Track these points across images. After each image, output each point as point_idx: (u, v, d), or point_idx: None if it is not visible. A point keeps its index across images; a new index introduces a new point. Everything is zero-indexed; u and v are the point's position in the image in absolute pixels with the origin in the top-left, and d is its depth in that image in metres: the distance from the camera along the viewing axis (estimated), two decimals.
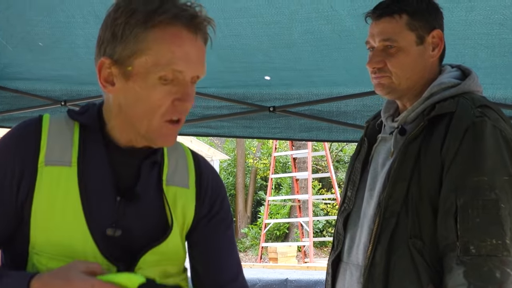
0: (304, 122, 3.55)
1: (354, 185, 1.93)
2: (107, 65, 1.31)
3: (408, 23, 1.79)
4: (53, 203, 1.30)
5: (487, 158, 1.63)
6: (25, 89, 3.72)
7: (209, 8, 2.73)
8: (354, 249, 1.83)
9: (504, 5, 2.50)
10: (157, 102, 1.29)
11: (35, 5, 2.90)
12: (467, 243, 1.58)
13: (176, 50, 1.28)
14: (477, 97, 1.77)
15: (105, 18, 1.34)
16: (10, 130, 1.37)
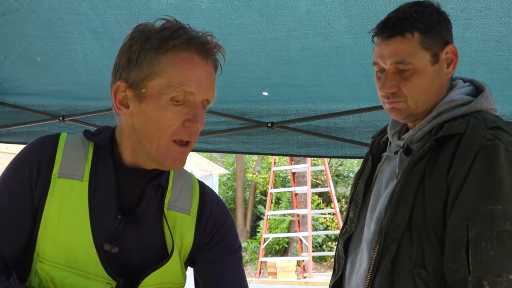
0: (302, 138, 3.54)
1: (357, 206, 1.81)
2: (123, 88, 1.38)
3: (422, 42, 1.65)
4: (63, 213, 1.36)
5: (501, 185, 1.50)
6: (23, 104, 3.73)
7: (207, 25, 2.78)
8: (354, 275, 1.72)
9: (500, 23, 2.50)
10: (168, 121, 1.35)
11: (34, 20, 2.90)
12: (481, 278, 1.45)
13: (188, 73, 1.35)
14: (490, 117, 1.63)
15: (121, 47, 1.42)
16: (28, 143, 1.44)
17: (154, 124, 1.37)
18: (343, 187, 23.42)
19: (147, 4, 2.68)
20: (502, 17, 2.45)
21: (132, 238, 1.41)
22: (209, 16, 2.70)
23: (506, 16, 2.45)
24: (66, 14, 2.82)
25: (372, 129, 3.39)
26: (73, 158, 1.42)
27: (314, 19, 2.65)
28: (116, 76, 1.41)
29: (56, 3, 2.76)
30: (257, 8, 2.62)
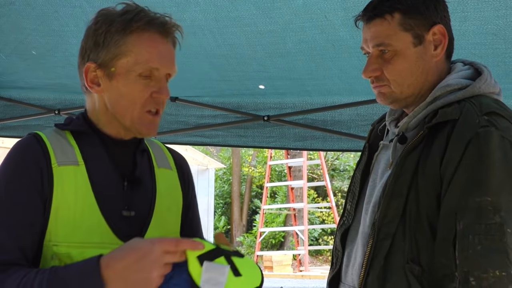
0: (298, 131, 3.55)
1: (354, 197, 1.73)
2: (93, 68, 1.53)
3: (402, 23, 1.57)
4: (69, 197, 1.46)
5: (492, 175, 1.40)
6: (19, 97, 3.72)
7: (203, 17, 2.78)
8: (350, 268, 1.64)
9: (497, 16, 2.50)
10: (137, 94, 1.51)
11: (29, 13, 2.89)
12: (467, 274, 1.36)
13: (152, 51, 1.51)
14: (487, 101, 1.51)
15: (86, 31, 1.56)
16: (14, 146, 1.52)
17: (126, 98, 1.52)
18: (339, 181, 23.46)
19: None
20: (499, 9, 2.45)
21: (140, 199, 1.57)
22: (205, 9, 2.69)
23: (503, 9, 2.45)
24: (61, 7, 2.80)
25: (368, 122, 3.39)
26: (60, 148, 1.52)
27: (311, 12, 2.64)
28: (85, 57, 1.54)
29: None
30: (253, 1, 2.61)
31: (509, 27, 2.56)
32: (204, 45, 2.99)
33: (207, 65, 3.19)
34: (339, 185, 23.13)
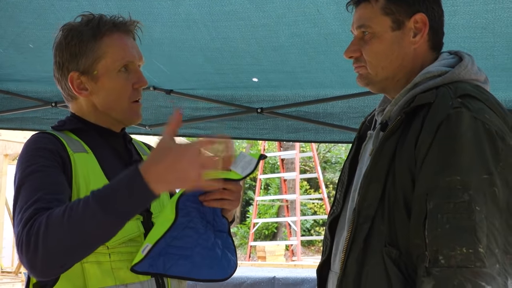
0: (291, 123, 3.55)
1: (343, 186, 1.72)
2: (76, 77, 1.66)
3: (384, 7, 1.58)
4: (85, 179, 1.58)
5: (462, 155, 1.37)
6: (16, 90, 3.70)
7: (197, 11, 2.77)
8: (337, 256, 1.63)
9: (486, 10, 2.50)
10: (122, 88, 1.68)
11: (26, 7, 2.88)
12: (436, 252, 1.34)
13: (124, 47, 1.68)
14: (463, 86, 1.49)
15: (56, 47, 1.70)
16: (32, 138, 1.63)
17: (113, 94, 1.68)
18: (330, 173, 23.49)
19: None
20: (488, 4, 2.46)
21: None
22: (199, 2, 2.69)
23: (492, 3, 2.45)
24: (57, 0, 2.79)
25: (360, 115, 3.40)
26: (69, 140, 1.64)
27: (303, 6, 2.64)
28: (64, 70, 1.68)
29: None
30: None
31: (497, 21, 2.56)
32: (198, 39, 2.98)
33: (201, 58, 3.18)
34: (331, 177, 23.16)
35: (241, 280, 5.33)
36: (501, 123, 1.43)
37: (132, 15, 1.76)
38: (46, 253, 1.37)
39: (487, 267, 1.31)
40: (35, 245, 1.37)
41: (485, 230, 1.33)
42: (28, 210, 1.43)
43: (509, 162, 1.39)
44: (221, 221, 1.67)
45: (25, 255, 1.38)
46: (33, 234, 1.37)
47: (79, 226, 1.37)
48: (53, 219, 1.38)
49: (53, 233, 1.37)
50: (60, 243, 1.38)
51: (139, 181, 1.37)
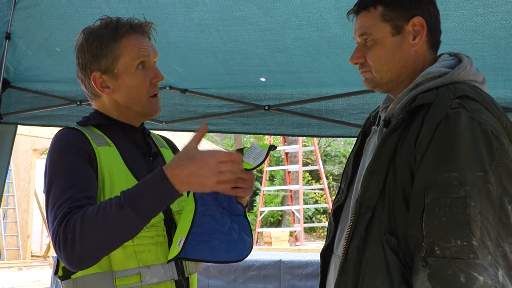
0: (296, 120, 3.54)
1: (347, 177, 1.70)
2: (99, 76, 1.69)
3: (383, 14, 1.57)
4: (109, 170, 1.60)
5: (459, 153, 1.35)
6: (44, 90, 3.70)
7: (210, 17, 2.76)
8: (340, 241, 1.61)
9: (476, 14, 2.49)
10: (141, 83, 1.69)
11: (53, 14, 2.89)
12: (432, 244, 1.33)
13: (140, 46, 1.69)
14: (462, 87, 1.48)
15: (78, 49, 1.70)
16: (59, 134, 1.64)
17: (134, 89, 1.69)
18: (330, 165, 23.46)
19: None
20: (478, 8, 2.44)
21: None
22: (211, 9, 2.69)
23: (481, 7, 2.44)
24: (82, 7, 2.80)
25: (359, 111, 3.39)
26: (93, 135, 1.65)
27: (307, 11, 2.63)
28: (87, 71, 1.69)
29: None
30: (255, 1, 2.61)
31: (487, 24, 2.55)
32: (211, 42, 2.98)
33: (213, 60, 3.18)
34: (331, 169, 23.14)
35: (250, 263, 5.34)
36: (496, 123, 1.41)
37: (150, 20, 1.77)
38: (83, 250, 1.41)
39: (480, 258, 1.29)
40: (72, 243, 1.41)
41: (478, 224, 1.31)
42: (61, 207, 1.46)
43: (503, 161, 1.37)
44: (236, 207, 1.68)
45: (63, 251, 1.42)
46: (69, 232, 1.41)
47: (113, 226, 1.42)
48: (87, 220, 1.42)
49: (89, 232, 1.41)
50: (96, 241, 1.42)
51: (166, 184, 1.43)
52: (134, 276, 1.56)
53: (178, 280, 1.65)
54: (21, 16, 2.99)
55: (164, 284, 1.61)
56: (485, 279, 1.28)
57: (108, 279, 1.54)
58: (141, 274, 1.57)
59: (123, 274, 1.56)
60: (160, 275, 1.61)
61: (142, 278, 1.57)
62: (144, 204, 1.42)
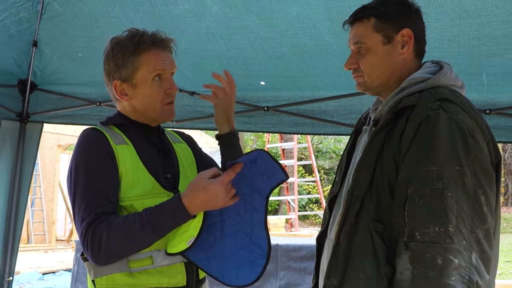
0: (292, 119, 3.53)
1: (341, 170, 1.70)
2: (119, 84, 1.68)
3: (375, 25, 1.57)
4: (127, 166, 1.61)
5: (438, 149, 1.36)
6: (67, 92, 3.69)
7: (216, 26, 2.76)
8: (333, 227, 1.61)
9: (453, 25, 2.48)
10: (155, 95, 1.69)
11: (76, 23, 2.88)
12: (413, 230, 1.33)
13: (158, 61, 1.67)
14: (442, 91, 1.48)
15: (105, 57, 1.71)
16: (82, 136, 1.65)
17: (149, 99, 1.69)
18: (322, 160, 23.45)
19: (167, 9, 2.66)
20: (454, 20, 2.44)
21: (171, 166, 1.75)
22: (217, 19, 2.68)
23: (457, 19, 2.44)
24: (101, 17, 2.79)
25: (348, 112, 3.38)
26: (112, 134, 1.66)
27: (303, 22, 2.63)
28: (110, 78, 1.69)
29: (94, 9, 2.74)
30: (256, 12, 2.60)
31: (462, 34, 2.54)
32: (216, 49, 2.98)
33: (218, 65, 3.17)
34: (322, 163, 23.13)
35: None
36: (472, 123, 1.41)
37: (162, 29, 1.77)
38: (107, 254, 1.50)
39: (455, 243, 1.30)
40: (98, 247, 1.49)
41: (455, 213, 1.31)
42: (88, 211, 1.52)
43: (477, 156, 1.37)
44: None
45: (90, 252, 1.50)
46: (96, 238, 1.49)
47: (133, 241, 1.51)
48: (113, 232, 1.49)
49: (113, 243, 1.49)
50: (118, 250, 1.51)
51: (182, 211, 1.52)
52: (146, 259, 1.58)
53: (187, 262, 1.65)
54: (47, 25, 2.98)
55: (174, 266, 1.62)
56: (459, 261, 1.29)
57: (123, 261, 1.57)
58: (153, 257, 1.59)
59: (136, 257, 1.57)
60: (170, 258, 1.61)
61: (154, 261, 1.59)
62: (162, 226, 1.51)
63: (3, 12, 2.81)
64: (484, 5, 2.31)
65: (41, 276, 8.79)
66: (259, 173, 1.59)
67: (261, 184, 1.61)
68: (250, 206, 1.62)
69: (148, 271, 1.58)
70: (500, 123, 3.09)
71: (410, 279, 1.31)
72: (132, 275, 1.57)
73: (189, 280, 1.65)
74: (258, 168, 1.58)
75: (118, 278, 1.57)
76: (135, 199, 1.59)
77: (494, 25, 2.43)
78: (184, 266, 1.64)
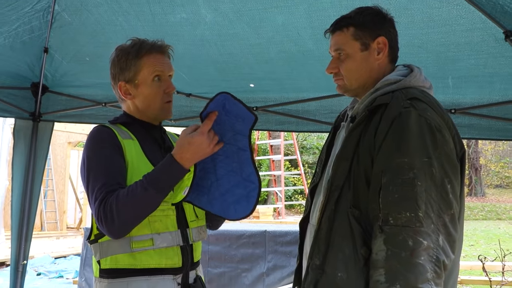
0: (278, 118, 3.53)
1: (321, 162, 1.69)
2: (123, 85, 1.70)
3: (354, 34, 1.57)
4: (132, 158, 1.61)
5: (409, 143, 1.36)
6: (76, 93, 3.66)
7: (210, 33, 2.74)
8: (314, 213, 1.61)
9: (422, 33, 2.49)
10: (155, 94, 1.70)
11: (83, 31, 2.86)
12: (387, 215, 1.34)
13: (156, 63, 1.69)
14: (413, 91, 1.48)
15: (111, 62, 1.72)
16: (94, 131, 1.64)
17: (148, 98, 1.70)
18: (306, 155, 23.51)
19: (166, 18, 2.64)
20: (423, 28, 2.45)
21: None
22: (211, 27, 2.67)
23: (425, 28, 2.44)
24: (106, 25, 2.77)
25: (328, 111, 3.38)
26: (119, 131, 1.66)
27: (287, 30, 2.62)
28: (116, 80, 1.71)
29: (100, 18, 2.71)
30: (246, 21, 2.59)
31: (429, 41, 2.55)
32: (210, 54, 2.96)
33: (212, 69, 3.16)
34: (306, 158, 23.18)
35: (241, 232, 5.33)
36: (439, 120, 1.41)
37: (161, 36, 1.78)
38: (120, 223, 1.48)
39: (425, 227, 1.30)
40: (111, 219, 1.48)
41: (424, 200, 1.32)
42: (100, 191, 1.51)
43: (444, 149, 1.38)
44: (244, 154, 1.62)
45: (105, 226, 1.49)
46: (108, 211, 1.48)
47: (140, 204, 1.49)
48: (120, 201, 1.48)
49: (123, 210, 1.47)
50: (129, 216, 1.49)
51: (176, 165, 1.51)
52: (147, 241, 1.58)
53: (183, 246, 1.65)
54: (57, 33, 2.96)
55: (171, 249, 1.62)
56: (428, 243, 1.29)
57: (126, 242, 1.57)
58: (153, 239, 1.59)
59: (138, 239, 1.57)
60: (168, 240, 1.61)
61: (154, 242, 1.58)
62: (162, 183, 1.50)
63: (16, 21, 2.78)
64: (449, 15, 2.32)
65: (53, 260, 8.74)
66: (234, 117, 1.56)
67: (241, 126, 1.57)
68: (236, 148, 1.59)
69: (148, 252, 1.58)
70: (463, 121, 3.11)
71: (384, 258, 1.31)
72: (133, 256, 1.57)
73: (185, 262, 1.65)
74: (231, 112, 1.55)
75: (121, 258, 1.57)
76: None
77: (458, 34, 2.43)
78: (180, 249, 1.64)
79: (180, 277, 1.63)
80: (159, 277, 1.59)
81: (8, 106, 3.52)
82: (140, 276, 1.57)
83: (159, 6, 2.55)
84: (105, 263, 1.59)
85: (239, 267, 5.26)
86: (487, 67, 2.68)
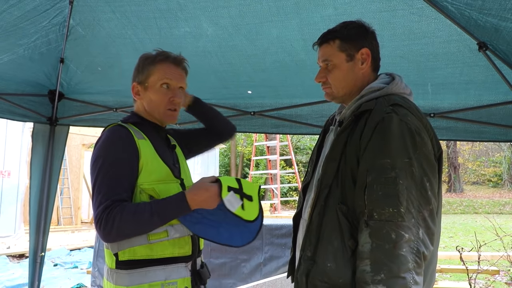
0: (274, 122, 3.54)
1: (312, 163, 1.70)
2: (136, 85, 1.72)
3: (339, 46, 1.57)
4: (147, 157, 1.59)
5: (391, 145, 1.36)
6: (89, 100, 3.66)
7: (211, 45, 2.74)
8: (306, 209, 1.61)
9: (403, 44, 2.49)
10: (159, 99, 1.69)
11: (95, 43, 2.85)
12: (372, 210, 1.34)
13: (167, 72, 1.69)
14: (394, 97, 1.49)
15: (134, 68, 1.73)
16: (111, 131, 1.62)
17: (153, 101, 1.69)
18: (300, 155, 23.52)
19: (171, 31, 2.64)
20: (404, 40, 2.45)
21: (176, 157, 1.78)
22: (212, 39, 2.67)
23: (407, 39, 2.45)
24: (117, 38, 2.77)
25: (319, 116, 3.39)
26: (134, 130, 1.65)
27: (282, 42, 2.62)
28: (132, 81, 1.73)
29: (110, 32, 2.71)
30: (244, 34, 2.59)
31: (411, 52, 2.56)
32: (211, 64, 2.96)
33: (213, 78, 3.17)
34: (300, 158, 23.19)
35: None
36: (419, 124, 1.42)
37: (166, 48, 1.77)
38: (117, 234, 1.49)
39: (406, 221, 1.31)
40: (110, 228, 1.47)
41: (405, 196, 1.32)
42: (105, 197, 1.50)
43: (423, 151, 1.38)
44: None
45: (102, 231, 1.49)
46: (110, 220, 1.47)
47: (142, 226, 1.51)
48: (125, 217, 1.47)
49: (124, 226, 1.48)
50: (127, 232, 1.50)
51: (185, 205, 1.53)
52: (162, 232, 1.59)
53: (192, 235, 1.67)
54: (72, 45, 2.95)
55: (183, 239, 1.64)
56: (409, 236, 1.30)
57: (143, 235, 1.57)
58: (168, 231, 1.60)
59: (155, 231, 1.58)
60: (181, 231, 1.63)
61: (168, 234, 1.60)
62: (168, 215, 1.52)
63: (35, 34, 2.78)
64: (428, 28, 2.33)
65: (69, 252, 8.72)
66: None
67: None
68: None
69: (163, 242, 1.59)
70: (442, 124, 3.12)
71: (370, 250, 1.32)
72: (150, 247, 1.57)
73: (194, 250, 1.67)
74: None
75: (138, 250, 1.57)
76: (154, 184, 1.59)
77: (436, 45, 2.44)
78: (190, 238, 1.66)
79: (190, 264, 1.66)
80: (173, 266, 1.60)
81: (28, 112, 3.54)
82: (157, 266, 1.58)
83: (165, 20, 2.55)
84: (123, 255, 1.58)
85: (238, 257, 5.26)
86: (463, 75, 2.69)
